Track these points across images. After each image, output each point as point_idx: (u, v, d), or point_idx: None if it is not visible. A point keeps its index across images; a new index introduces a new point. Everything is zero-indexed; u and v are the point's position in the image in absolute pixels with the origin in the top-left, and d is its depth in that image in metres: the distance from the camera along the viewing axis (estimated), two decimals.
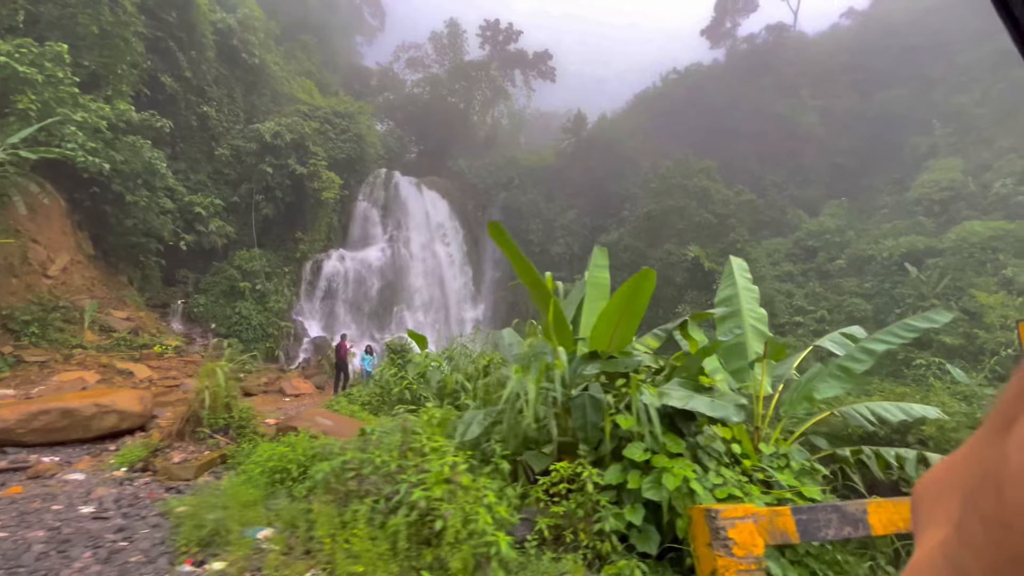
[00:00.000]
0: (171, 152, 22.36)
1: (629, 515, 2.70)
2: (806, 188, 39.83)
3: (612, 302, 3.44)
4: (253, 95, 26.99)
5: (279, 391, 13.45)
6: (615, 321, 3.59)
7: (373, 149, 28.48)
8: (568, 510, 2.74)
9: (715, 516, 2.35)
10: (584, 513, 2.74)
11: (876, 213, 34.55)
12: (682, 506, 2.58)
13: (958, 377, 13.95)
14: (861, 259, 29.99)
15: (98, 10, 18.31)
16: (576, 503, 2.75)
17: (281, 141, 23.74)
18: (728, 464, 3.21)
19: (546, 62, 47.55)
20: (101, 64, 18.15)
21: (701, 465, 2.99)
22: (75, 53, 17.65)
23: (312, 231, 24.66)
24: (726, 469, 3.00)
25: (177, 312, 19.24)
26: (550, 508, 2.75)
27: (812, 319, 28.53)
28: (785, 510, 2.49)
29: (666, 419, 3.19)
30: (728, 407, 2.86)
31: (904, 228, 29.79)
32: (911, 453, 3.44)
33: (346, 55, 49.08)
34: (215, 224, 21.52)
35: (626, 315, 3.58)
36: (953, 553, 0.26)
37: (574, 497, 2.76)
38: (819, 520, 2.54)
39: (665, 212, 23.77)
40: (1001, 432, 0.26)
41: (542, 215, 39.14)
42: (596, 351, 3.77)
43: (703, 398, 2.98)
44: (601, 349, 3.73)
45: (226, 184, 23.33)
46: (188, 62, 22.60)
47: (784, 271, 33.12)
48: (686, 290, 20.88)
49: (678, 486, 2.63)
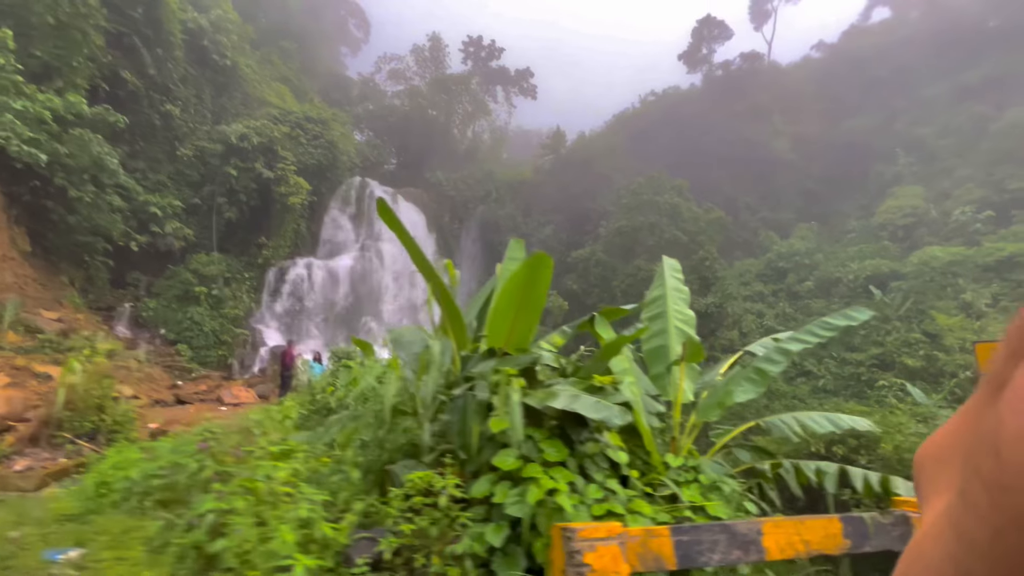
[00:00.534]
0: (129, 150, 21.57)
1: (490, 535, 2.28)
2: (778, 211, 40.65)
3: (504, 293, 3.05)
4: (223, 97, 26.40)
5: (217, 400, 12.68)
6: (511, 315, 3.20)
7: (346, 156, 28.03)
8: (420, 528, 2.30)
9: (571, 536, 1.94)
10: (439, 532, 2.31)
11: (844, 237, 35.32)
12: (546, 524, 2.17)
13: (918, 398, 13.91)
14: (829, 281, 30.45)
15: (56, 1, 17.68)
16: (430, 520, 2.31)
17: (248, 144, 23.12)
18: (624, 476, 2.82)
19: (527, 80, 48.08)
20: (55, 56, 17.45)
21: (586, 476, 2.58)
22: (27, 42, 16.96)
23: (277, 237, 23.94)
24: (615, 481, 2.60)
25: (124, 315, 18.25)
26: (399, 526, 2.31)
27: None
28: (663, 530, 2.10)
29: (556, 424, 2.80)
30: (611, 408, 2.48)
31: (870, 252, 30.42)
32: (832, 467, 3.10)
33: (328, 64, 48.90)
34: (172, 226, 20.69)
35: (523, 308, 3.19)
36: (957, 519, 0.26)
37: (428, 513, 2.33)
38: (703, 542, 2.14)
39: (636, 228, 23.78)
40: (995, 395, 0.26)
41: (519, 230, 38.93)
42: (493, 348, 3.37)
43: (589, 399, 2.59)
44: (498, 346, 3.32)
45: (188, 185, 22.56)
46: (153, 59, 21.97)
47: (755, 291, 33.47)
48: None
49: (542, 500, 2.23)
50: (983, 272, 22.97)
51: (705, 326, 20.91)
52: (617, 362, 3.34)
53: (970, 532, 0.25)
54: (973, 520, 0.25)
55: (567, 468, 2.56)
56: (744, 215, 40.39)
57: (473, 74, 46.33)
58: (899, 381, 19.71)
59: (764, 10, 46.28)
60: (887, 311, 24.57)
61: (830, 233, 37.01)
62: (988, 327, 19.79)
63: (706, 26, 42.41)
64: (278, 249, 23.85)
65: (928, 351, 20.30)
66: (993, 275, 22.88)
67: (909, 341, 21.63)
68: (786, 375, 26.70)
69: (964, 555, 0.25)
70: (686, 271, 18.53)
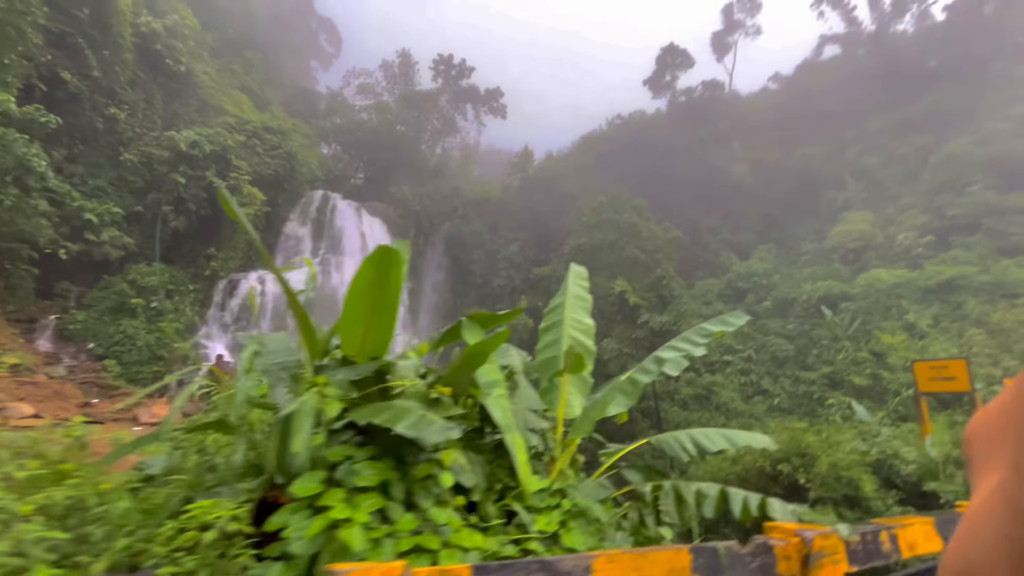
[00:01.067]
0: (67, 153, 20.51)
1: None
2: (738, 233, 41.77)
3: (352, 295, 2.71)
4: (176, 103, 25.53)
5: (133, 419, 11.75)
6: (363, 318, 2.85)
7: (306, 168, 27.41)
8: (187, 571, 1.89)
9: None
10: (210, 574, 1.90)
11: (800, 259, 36.41)
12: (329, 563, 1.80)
13: (861, 416, 14.05)
14: (785, 301, 31.17)
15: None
16: (201, 560, 1.90)
17: (199, 151, 22.30)
18: (473, 503, 2.47)
19: (498, 99, 48.63)
20: None
21: (411, 504, 2.22)
22: None
23: (228, 248, 22.98)
24: (445, 509, 2.24)
25: (48, 328, 16.97)
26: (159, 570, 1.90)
27: (740, 358, 29.09)
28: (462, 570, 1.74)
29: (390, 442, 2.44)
30: (433, 424, 2.15)
31: (822, 274, 31.36)
32: (714, 489, 2.82)
33: (295, 77, 48.38)
34: (110, 233, 19.58)
35: (375, 311, 2.85)
36: (1012, 495, 0.25)
37: (202, 551, 1.92)
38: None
39: (596, 246, 23.88)
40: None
41: (485, 246, 38.80)
42: (346, 357, 3.00)
43: (417, 415, 2.25)
44: (351, 353, 2.96)
45: (131, 192, 21.51)
46: (99, 61, 21.10)
47: (716, 310, 33.98)
48: (613, 324, 20.69)
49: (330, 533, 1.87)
50: (924, 294, 23.89)
51: (661, 343, 20.93)
52: (485, 372, 3.01)
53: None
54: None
55: (387, 494, 2.20)
56: (706, 237, 41.34)
57: (443, 91, 46.57)
58: (847, 399, 20.10)
59: (725, 43, 48.38)
60: (837, 331, 25.24)
61: (787, 255, 38.17)
62: (930, 347, 20.47)
63: (670, 54, 43.94)
64: (228, 261, 22.86)
65: (874, 370, 20.82)
66: (934, 296, 23.83)
67: (857, 360, 22.18)
68: (744, 394, 27.03)
69: (1021, 531, 0.24)
70: (644, 289, 18.46)
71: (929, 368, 13.93)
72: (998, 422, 0.31)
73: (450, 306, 37.70)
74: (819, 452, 8.21)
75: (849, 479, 7.92)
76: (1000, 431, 0.30)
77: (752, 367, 28.24)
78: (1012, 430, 0.29)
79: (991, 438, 0.31)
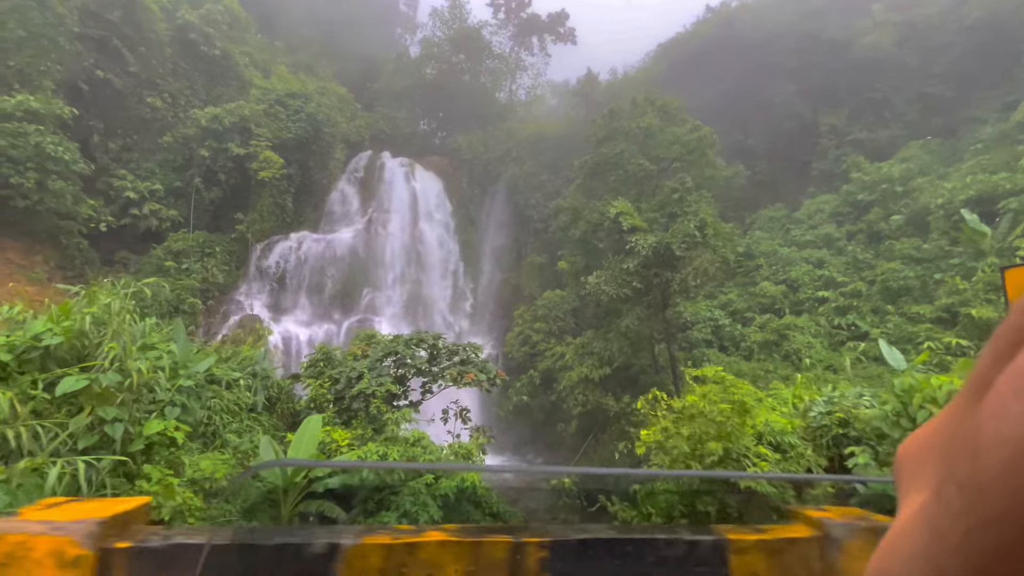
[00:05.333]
0: (123, 143, 24.06)
1: None
2: (875, 128, 31.23)
3: None
4: (219, 86, 28.10)
5: None
6: None
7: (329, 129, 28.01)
8: None
9: None
10: None
11: (968, 152, 25.69)
12: None
13: (891, 359, 9.51)
14: (923, 213, 22.45)
15: (25, 15, 19.99)
16: None
17: (220, 125, 24.23)
18: None
19: (563, 23, 43.53)
20: (27, 63, 19.83)
21: None
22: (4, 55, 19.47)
23: (253, 211, 24.92)
24: None
25: None
26: None
27: (842, 294, 21.98)
28: None
29: None
30: None
31: (991, 165, 21.63)
32: None
33: (387, 47, 49.29)
34: (151, 207, 22.63)
35: None
36: (932, 517, 0.26)
37: None
38: None
39: (600, 163, 19.57)
40: (977, 398, 0.26)
41: (544, 188, 35.81)
42: None
43: None
44: None
45: (173, 171, 24.51)
46: (136, 58, 24.02)
47: (821, 235, 26.16)
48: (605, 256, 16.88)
49: None
50: None
51: (660, 277, 16.22)
52: None
53: (944, 530, 0.25)
54: (947, 519, 0.25)
55: None
56: (825, 140, 31.75)
57: (503, 27, 43.39)
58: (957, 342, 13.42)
59: None
60: (984, 244, 16.95)
61: (950, 150, 27.28)
62: None
63: None
64: (255, 223, 24.82)
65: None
66: None
67: (997, 283, 14.44)
68: (834, 339, 20.23)
69: (937, 552, 0.25)
70: (652, 209, 14.54)
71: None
72: (928, 444, 0.32)
73: (512, 256, 36.04)
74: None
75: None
76: (928, 454, 0.31)
77: (856, 304, 21.06)
78: (937, 453, 0.29)
79: (918, 459, 0.32)
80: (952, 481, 0.25)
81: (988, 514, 0.23)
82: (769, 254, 26.46)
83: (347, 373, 12.96)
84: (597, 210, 17.74)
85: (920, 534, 0.27)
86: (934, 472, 0.29)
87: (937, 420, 0.32)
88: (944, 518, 0.25)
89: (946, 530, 0.25)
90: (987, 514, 0.23)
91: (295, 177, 26.98)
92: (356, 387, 12.07)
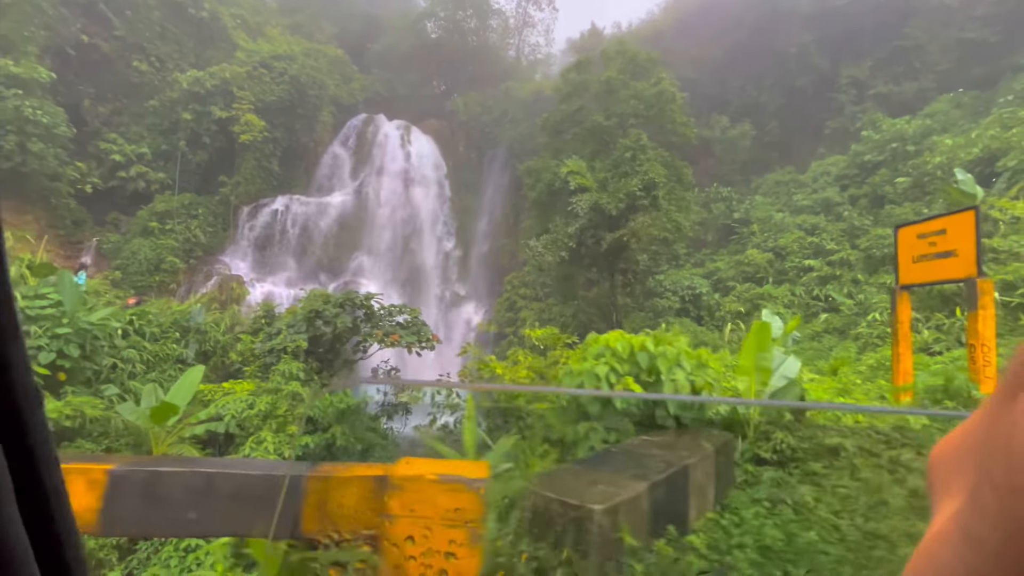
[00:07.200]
0: (113, 107, 24.95)
1: None
2: (904, 82, 28.20)
3: None
4: (208, 49, 28.44)
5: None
6: None
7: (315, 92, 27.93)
8: None
9: None
10: None
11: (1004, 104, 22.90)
12: None
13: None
14: (927, 174, 20.43)
15: None
16: None
17: (202, 88, 24.66)
18: None
19: None
20: (10, 29, 20.66)
21: None
22: None
23: (237, 174, 25.51)
24: None
25: (91, 248, 21.79)
26: None
27: (828, 263, 20.53)
28: None
29: None
30: None
31: (1012, 120, 19.27)
32: None
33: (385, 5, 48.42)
34: (137, 170, 23.58)
35: None
36: (968, 523, 0.26)
37: None
38: None
39: (559, 121, 18.58)
40: (1012, 398, 0.26)
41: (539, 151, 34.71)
42: None
43: None
44: None
45: (160, 134, 25.28)
46: (122, 22, 24.56)
47: (821, 199, 24.27)
48: (551, 214, 16.25)
49: None
50: None
51: (606, 239, 15.27)
52: None
53: (980, 536, 0.24)
54: (984, 525, 0.24)
55: None
56: (845, 94, 28.98)
57: None
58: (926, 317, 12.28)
59: None
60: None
61: (988, 104, 24.34)
62: None
63: None
64: (239, 186, 25.45)
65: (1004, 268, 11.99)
66: None
67: None
68: (809, 310, 18.94)
69: (974, 558, 0.25)
70: (606, 169, 14.09)
71: (917, 237, 8.13)
72: (961, 448, 0.31)
73: (510, 222, 35.49)
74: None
75: None
76: (961, 457, 0.30)
77: (839, 273, 19.65)
78: (972, 456, 0.28)
79: (951, 463, 0.31)
80: (987, 485, 0.24)
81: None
82: (764, 220, 24.89)
83: (268, 330, 13.33)
84: (551, 170, 17.05)
85: (957, 541, 0.26)
86: (968, 476, 0.28)
87: (970, 422, 0.30)
88: (981, 524, 0.24)
89: (984, 536, 0.24)
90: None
91: (281, 140, 27.28)
92: (268, 344, 12.42)
